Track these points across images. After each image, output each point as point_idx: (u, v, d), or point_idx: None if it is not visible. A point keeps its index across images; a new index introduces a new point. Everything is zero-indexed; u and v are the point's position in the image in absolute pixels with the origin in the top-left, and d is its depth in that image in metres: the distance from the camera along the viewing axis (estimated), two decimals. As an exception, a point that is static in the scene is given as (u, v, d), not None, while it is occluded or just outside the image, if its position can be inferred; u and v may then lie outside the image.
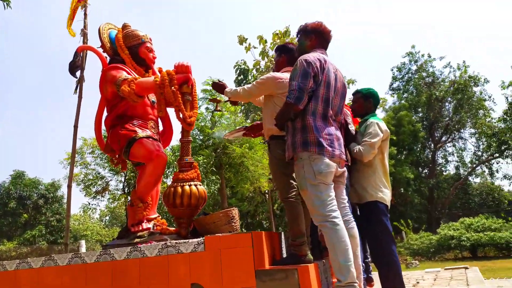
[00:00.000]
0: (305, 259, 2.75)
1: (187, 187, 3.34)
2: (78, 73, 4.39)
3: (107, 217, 35.98)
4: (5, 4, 5.02)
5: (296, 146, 2.58)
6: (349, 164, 3.17)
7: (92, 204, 12.29)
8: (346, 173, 2.77)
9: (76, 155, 10.49)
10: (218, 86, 3.37)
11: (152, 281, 2.67)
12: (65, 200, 24.98)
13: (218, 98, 3.64)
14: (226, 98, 3.33)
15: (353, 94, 3.33)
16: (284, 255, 3.10)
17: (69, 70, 4.17)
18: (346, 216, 2.70)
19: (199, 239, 2.66)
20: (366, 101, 3.24)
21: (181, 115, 3.49)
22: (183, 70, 3.55)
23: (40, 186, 25.16)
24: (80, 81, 4.44)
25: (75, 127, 4.41)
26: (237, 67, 14.06)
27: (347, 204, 2.78)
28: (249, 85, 3.10)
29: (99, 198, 11.89)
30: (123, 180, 11.02)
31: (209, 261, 2.58)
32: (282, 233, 3.25)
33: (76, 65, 4.18)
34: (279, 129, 2.81)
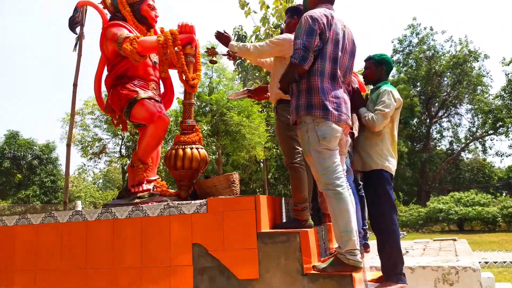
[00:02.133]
0: (306, 224, 2.78)
1: (188, 150, 3.32)
2: (78, 30, 4.26)
3: (101, 180, 36.15)
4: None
5: (300, 109, 2.46)
6: (354, 132, 3.15)
7: (88, 166, 12.31)
8: (349, 142, 2.74)
9: (76, 116, 10.38)
10: (223, 37, 3.17)
11: (154, 240, 2.69)
12: (59, 162, 25.01)
13: (215, 50, 3.50)
14: (224, 51, 3.19)
15: (365, 60, 3.22)
16: (284, 220, 3.13)
17: (68, 25, 4.04)
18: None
19: (201, 201, 2.67)
20: (379, 67, 3.13)
21: (184, 77, 3.43)
22: (187, 31, 3.46)
23: (35, 147, 25.10)
24: (80, 38, 4.32)
25: (75, 85, 4.33)
26: (235, 33, 13.78)
27: (345, 174, 2.76)
28: (261, 43, 2.98)
29: (95, 160, 11.90)
30: (120, 142, 10.99)
31: (211, 223, 2.59)
32: (283, 198, 3.27)
33: (75, 21, 4.03)
34: (283, 92, 2.68)
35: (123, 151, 10.95)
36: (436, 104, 26.49)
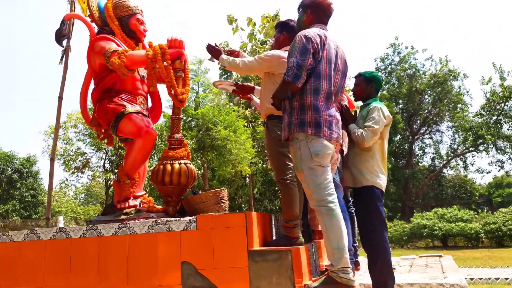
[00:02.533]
0: (297, 241, 2.74)
1: (176, 165, 3.26)
2: (64, 42, 4.20)
3: (82, 195, 35.42)
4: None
5: (292, 126, 2.48)
6: (343, 149, 3.14)
7: (70, 180, 12.01)
8: (339, 159, 2.74)
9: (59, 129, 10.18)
10: (214, 51, 3.22)
11: (141, 258, 2.61)
12: (40, 176, 24.42)
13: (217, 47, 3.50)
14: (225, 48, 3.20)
15: (355, 77, 3.25)
16: (274, 237, 3.08)
17: (55, 38, 3.97)
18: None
19: (191, 218, 2.61)
20: (369, 85, 3.16)
21: (172, 92, 3.40)
22: (176, 45, 3.43)
23: (15, 160, 24.50)
24: (66, 51, 4.25)
25: (60, 98, 4.24)
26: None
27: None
28: (250, 59, 2.99)
29: (78, 175, 11.64)
30: (104, 156, 10.79)
31: (200, 240, 2.53)
32: (273, 215, 3.22)
33: (62, 34, 3.98)
34: (276, 108, 2.70)
35: (106, 165, 10.74)
36: (418, 122, 26.95)
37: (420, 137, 27.34)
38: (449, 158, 26.24)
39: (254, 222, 2.60)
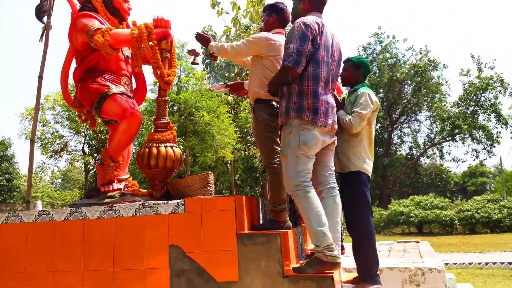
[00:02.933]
0: (285, 225, 2.74)
1: (162, 148, 3.21)
2: (45, 19, 4.02)
3: (59, 180, 34.75)
4: None
5: (290, 111, 2.51)
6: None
7: (48, 164, 11.70)
8: (336, 142, 2.75)
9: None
10: (203, 38, 3.19)
11: (128, 241, 2.56)
12: (16, 159, 23.79)
13: (196, 51, 3.46)
14: (203, 51, 3.17)
15: (343, 62, 3.24)
16: (261, 221, 3.08)
17: (35, 14, 3.80)
18: (332, 183, 2.69)
19: (179, 201, 2.57)
20: (357, 70, 3.16)
21: (158, 73, 3.32)
22: (162, 25, 3.35)
23: (-11, 144, 23.75)
24: (47, 28, 4.07)
25: (40, 77, 4.07)
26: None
27: (333, 172, 2.76)
28: (238, 43, 2.94)
29: (56, 158, 11.32)
30: (83, 140, 10.53)
31: (189, 224, 2.50)
32: (260, 199, 3.21)
33: (43, 10, 3.81)
34: (272, 95, 2.72)
35: (86, 149, 10.50)
36: (397, 111, 27.37)
37: (399, 126, 27.81)
38: (426, 147, 26.81)
39: (243, 206, 2.59)
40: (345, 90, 4.26)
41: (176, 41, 11.09)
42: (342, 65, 2.89)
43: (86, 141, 10.40)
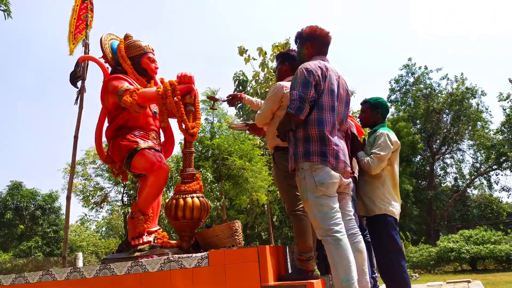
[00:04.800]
0: (312, 274, 2.67)
1: (189, 199, 3.27)
2: (79, 83, 4.34)
3: (104, 228, 35.65)
4: (5, 14, 4.98)
5: (298, 157, 2.50)
6: (355, 175, 3.10)
7: (89, 216, 12.09)
8: (351, 185, 2.70)
9: (78, 166, 10.38)
10: (236, 98, 3.56)
11: (154, 297, 2.59)
12: (62, 211, 24.76)
13: (215, 97, 3.66)
14: (224, 97, 3.41)
15: (361, 104, 3.25)
16: (289, 270, 3.02)
17: (70, 80, 4.12)
18: (353, 229, 2.62)
19: (202, 254, 2.59)
20: (374, 111, 3.15)
21: (183, 126, 3.45)
22: (185, 81, 3.51)
23: (38, 197, 24.96)
24: (81, 92, 4.38)
25: (75, 137, 4.34)
26: (236, 78, 14.11)
27: (353, 217, 2.69)
28: (262, 108, 3.08)
29: (97, 209, 11.71)
30: (122, 190, 10.89)
31: (213, 277, 2.50)
32: (287, 246, 3.17)
33: (77, 76, 4.13)
34: (281, 140, 2.73)
35: (125, 199, 10.82)
36: (438, 141, 26.49)
37: (441, 157, 26.79)
38: (473, 177, 25.55)
39: (267, 256, 2.56)
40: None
41: (207, 89, 11.54)
42: (350, 105, 2.83)
43: (125, 191, 10.74)
